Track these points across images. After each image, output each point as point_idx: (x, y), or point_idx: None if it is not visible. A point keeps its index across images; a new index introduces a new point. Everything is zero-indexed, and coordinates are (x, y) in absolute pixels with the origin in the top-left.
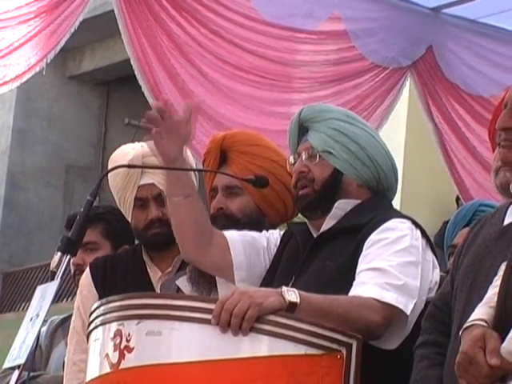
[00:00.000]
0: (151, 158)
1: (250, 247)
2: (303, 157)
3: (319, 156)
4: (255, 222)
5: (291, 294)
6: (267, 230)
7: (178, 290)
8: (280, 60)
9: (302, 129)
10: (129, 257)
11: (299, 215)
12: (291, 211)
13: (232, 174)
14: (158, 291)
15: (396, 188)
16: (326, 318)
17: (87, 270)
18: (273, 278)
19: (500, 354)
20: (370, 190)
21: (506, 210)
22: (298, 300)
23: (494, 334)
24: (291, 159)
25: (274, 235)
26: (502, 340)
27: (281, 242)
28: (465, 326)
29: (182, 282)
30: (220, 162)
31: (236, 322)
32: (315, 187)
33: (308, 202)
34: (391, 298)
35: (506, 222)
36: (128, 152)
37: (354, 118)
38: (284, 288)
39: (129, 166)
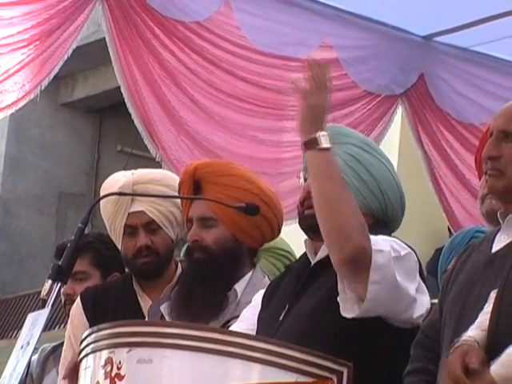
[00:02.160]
0: (141, 186)
1: None
2: None
3: None
4: (231, 252)
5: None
6: (243, 258)
7: (162, 316)
8: (272, 88)
9: None
10: (119, 285)
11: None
12: (269, 236)
13: (225, 203)
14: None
15: (401, 221)
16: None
17: (78, 299)
18: (267, 308)
19: (481, 361)
20: (374, 218)
21: (494, 237)
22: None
23: (479, 350)
24: (302, 175)
25: None
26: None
27: (278, 279)
28: (456, 344)
29: (166, 310)
30: (194, 193)
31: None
32: None
33: (313, 224)
34: (384, 246)
35: (493, 250)
36: (119, 179)
37: (371, 147)
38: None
39: (120, 194)
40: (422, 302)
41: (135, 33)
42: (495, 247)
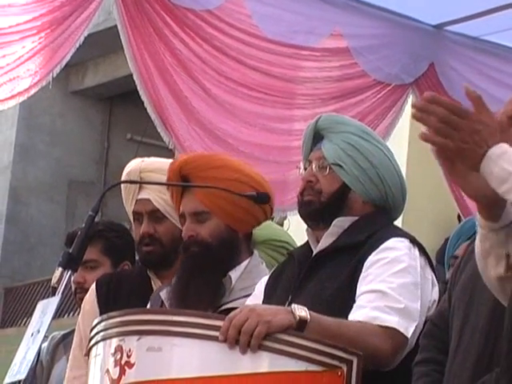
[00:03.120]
0: (147, 174)
1: None
2: (313, 166)
3: (329, 168)
4: (227, 242)
5: (301, 311)
6: (240, 245)
7: (162, 302)
8: (282, 76)
9: (318, 136)
10: (135, 273)
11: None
12: (263, 219)
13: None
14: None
15: (402, 208)
16: (335, 340)
17: (93, 286)
18: (270, 298)
19: None
20: (375, 206)
21: None
22: (309, 317)
23: None
24: (301, 165)
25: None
26: None
27: (280, 268)
28: None
29: (165, 295)
30: (183, 189)
31: (245, 340)
32: (322, 199)
33: (311, 211)
34: (392, 321)
35: None
36: (129, 166)
37: (369, 135)
38: (294, 305)
39: (129, 182)
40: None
41: (146, 21)
42: None
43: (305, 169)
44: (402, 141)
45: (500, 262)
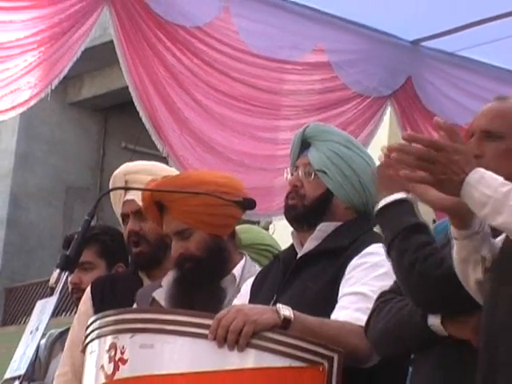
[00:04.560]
0: (132, 175)
1: None
2: (300, 171)
3: (315, 174)
4: (215, 250)
5: (285, 311)
6: (227, 247)
7: (153, 300)
8: (268, 89)
9: (305, 143)
10: (128, 275)
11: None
12: (240, 214)
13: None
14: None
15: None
16: (317, 338)
17: (88, 288)
18: (256, 298)
19: None
20: (357, 212)
21: None
22: (293, 316)
23: None
24: (288, 170)
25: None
26: None
27: (266, 269)
28: None
29: (159, 295)
30: (161, 214)
31: (232, 339)
32: (305, 203)
33: (296, 215)
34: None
35: None
36: (115, 172)
37: (353, 144)
38: (279, 305)
39: (123, 188)
40: None
41: (140, 36)
42: None
43: (291, 174)
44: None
45: (477, 266)
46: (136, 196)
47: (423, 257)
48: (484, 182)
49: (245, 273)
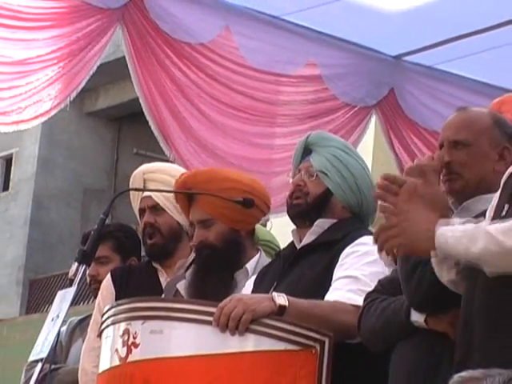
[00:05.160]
0: (150, 174)
1: None
2: (302, 173)
3: (316, 175)
4: (232, 242)
5: (280, 299)
6: (244, 241)
7: (177, 291)
8: (265, 100)
9: (307, 150)
10: (143, 265)
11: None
12: (261, 217)
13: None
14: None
15: (374, 217)
16: (310, 319)
17: (108, 275)
18: (258, 289)
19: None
20: (352, 212)
21: None
22: (287, 303)
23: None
24: (291, 174)
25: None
26: None
27: (268, 265)
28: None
29: (182, 286)
30: (189, 201)
31: (233, 325)
32: (308, 200)
33: (299, 212)
34: (362, 301)
35: None
36: (134, 172)
37: (350, 149)
38: (274, 293)
39: (134, 190)
40: None
41: (150, 53)
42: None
43: (293, 177)
44: (367, 155)
45: (451, 269)
46: (152, 193)
47: (426, 260)
48: (451, 227)
49: (258, 267)
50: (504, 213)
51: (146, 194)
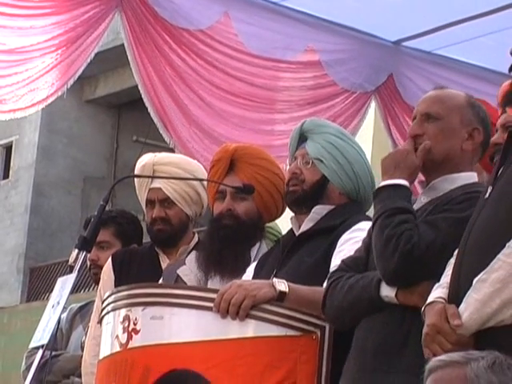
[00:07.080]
0: (161, 167)
1: None
2: (298, 160)
3: (312, 162)
4: (254, 222)
5: (281, 285)
6: (259, 229)
7: (178, 277)
8: (265, 86)
9: (302, 137)
10: (145, 249)
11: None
12: (279, 214)
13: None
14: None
15: (371, 202)
16: (310, 305)
17: (109, 259)
18: (258, 275)
19: (460, 316)
20: (349, 198)
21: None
22: (287, 289)
23: (451, 305)
24: (288, 161)
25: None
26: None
27: (268, 252)
28: (426, 303)
29: (183, 271)
30: (227, 170)
31: (233, 311)
32: (304, 187)
33: (296, 198)
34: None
35: (416, 208)
36: (143, 160)
37: (346, 135)
38: (275, 279)
39: (133, 176)
40: None
41: (149, 39)
42: (416, 207)
43: (290, 165)
44: (367, 140)
45: None
46: (162, 185)
47: (400, 232)
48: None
49: (258, 255)
50: (487, 195)
51: (156, 185)
